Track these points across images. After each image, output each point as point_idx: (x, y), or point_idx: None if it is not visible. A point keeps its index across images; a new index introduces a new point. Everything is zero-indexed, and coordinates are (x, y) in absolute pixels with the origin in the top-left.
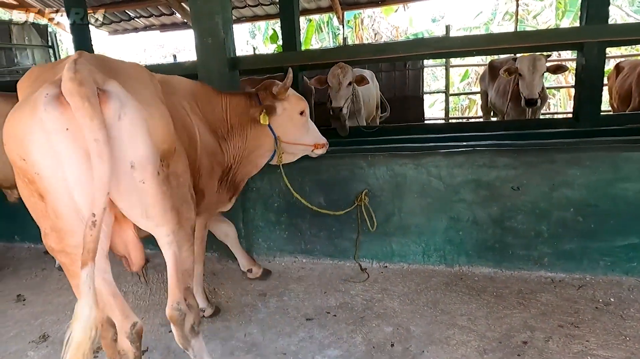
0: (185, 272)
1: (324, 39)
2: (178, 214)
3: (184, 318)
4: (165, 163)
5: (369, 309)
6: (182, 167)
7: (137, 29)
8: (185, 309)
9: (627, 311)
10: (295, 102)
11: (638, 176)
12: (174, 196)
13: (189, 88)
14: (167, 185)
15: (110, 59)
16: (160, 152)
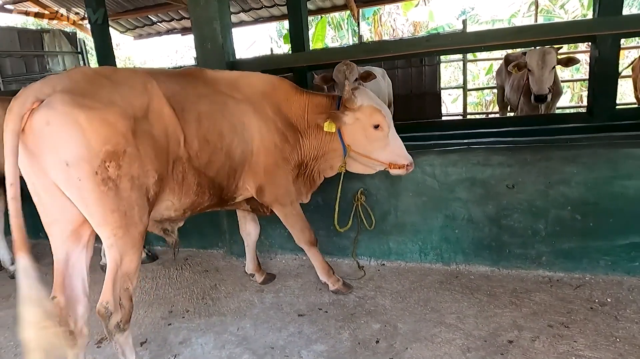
0: (124, 275)
1: (344, 37)
2: (124, 217)
3: (110, 316)
4: (110, 164)
5: (360, 306)
6: (138, 170)
7: (160, 33)
8: (113, 309)
9: (622, 312)
10: (370, 114)
11: (639, 173)
12: (120, 198)
13: (259, 87)
14: (107, 185)
15: (106, 71)
16: (102, 153)
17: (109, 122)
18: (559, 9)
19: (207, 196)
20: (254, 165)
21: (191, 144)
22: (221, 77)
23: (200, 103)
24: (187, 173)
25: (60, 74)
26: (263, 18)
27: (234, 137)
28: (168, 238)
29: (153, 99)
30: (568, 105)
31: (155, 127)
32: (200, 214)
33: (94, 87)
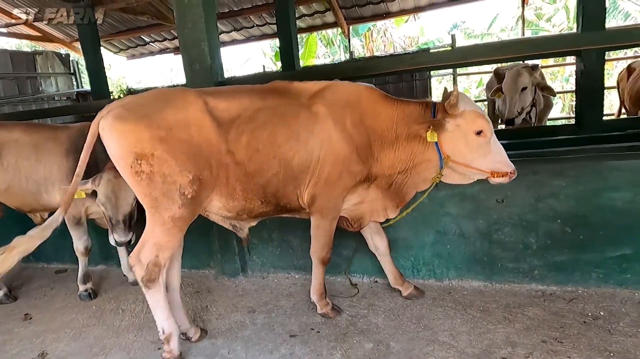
0: (155, 245)
1: (336, 52)
2: (155, 201)
3: (134, 268)
4: (142, 162)
5: (352, 326)
6: (169, 170)
7: (153, 53)
8: (135, 263)
9: (615, 326)
10: (472, 120)
11: (626, 185)
12: (152, 188)
13: (343, 96)
14: (140, 177)
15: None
16: (133, 153)
17: (136, 131)
18: (545, 22)
19: (259, 203)
20: (318, 173)
21: (236, 153)
22: (304, 89)
23: (261, 115)
24: (231, 178)
25: (140, 94)
26: (255, 36)
27: (293, 145)
28: (238, 233)
29: (194, 114)
30: (559, 116)
31: (196, 137)
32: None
33: (143, 104)
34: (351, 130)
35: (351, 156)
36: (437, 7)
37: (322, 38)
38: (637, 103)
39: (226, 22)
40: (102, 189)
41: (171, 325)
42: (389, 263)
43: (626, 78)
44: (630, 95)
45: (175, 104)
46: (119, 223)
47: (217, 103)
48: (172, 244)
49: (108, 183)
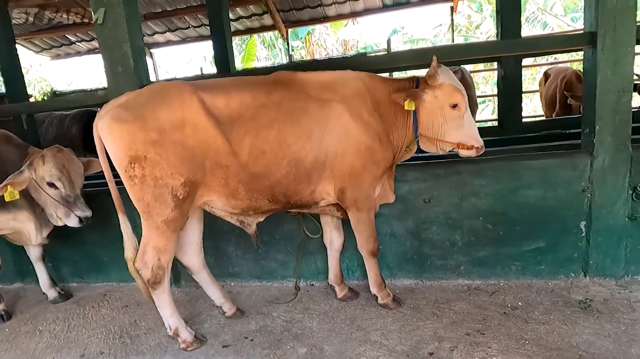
0: (154, 249)
1: (277, 55)
2: (147, 206)
3: (139, 272)
4: (135, 165)
5: (287, 331)
6: (160, 173)
7: (81, 53)
8: (141, 267)
9: (531, 315)
10: (449, 93)
11: (538, 183)
12: (144, 192)
13: (353, 86)
14: (134, 181)
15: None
16: (128, 156)
17: (131, 133)
18: (474, 29)
19: (266, 202)
20: (338, 167)
21: (239, 154)
22: (311, 80)
23: (265, 112)
24: (230, 180)
25: (138, 90)
26: (191, 38)
27: (305, 144)
28: (246, 229)
29: (189, 114)
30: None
31: (190, 137)
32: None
33: (140, 103)
34: (368, 119)
35: (373, 145)
36: (373, 13)
37: (263, 41)
38: (551, 106)
39: (159, 22)
40: (50, 166)
41: (176, 320)
42: (336, 261)
43: (543, 83)
44: (545, 99)
45: (171, 103)
46: (78, 197)
47: (215, 100)
48: (169, 246)
49: (55, 159)
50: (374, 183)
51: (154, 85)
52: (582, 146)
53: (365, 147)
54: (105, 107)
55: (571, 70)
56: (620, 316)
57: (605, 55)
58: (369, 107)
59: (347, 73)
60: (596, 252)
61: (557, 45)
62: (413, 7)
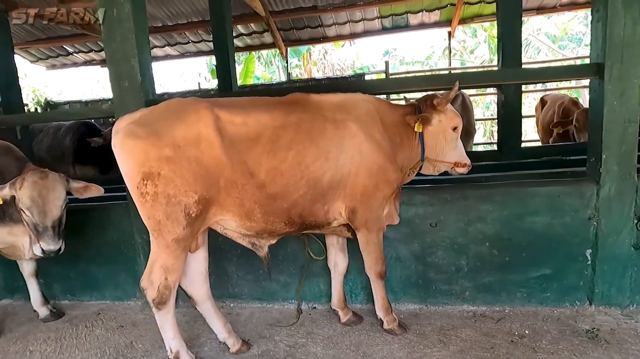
0: (161, 268)
1: (274, 72)
2: (158, 224)
3: (145, 291)
4: (148, 182)
5: (290, 356)
6: (174, 191)
7: (77, 64)
8: (147, 287)
9: (539, 344)
10: (451, 117)
11: (544, 209)
12: (155, 209)
13: (364, 107)
14: (145, 198)
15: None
16: (141, 173)
17: (145, 149)
18: (469, 53)
19: (283, 225)
20: (350, 187)
21: (256, 174)
22: (325, 101)
23: (283, 133)
24: (245, 200)
25: (153, 106)
26: (190, 52)
27: (323, 164)
28: (257, 252)
29: (205, 130)
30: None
31: (206, 155)
32: (113, 262)
33: (155, 119)
34: (380, 140)
35: (385, 165)
36: (372, 35)
37: (260, 57)
38: (548, 133)
39: (159, 36)
40: (26, 192)
41: (177, 343)
42: (340, 284)
43: (540, 109)
44: (542, 125)
45: (186, 119)
46: (47, 229)
47: (232, 118)
48: (178, 266)
49: (34, 185)
50: (384, 204)
51: (170, 101)
52: (587, 174)
53: (378, 166)
54: (119, 123)
55: (568, 97)
56: (628, 347)
57: (612, 86)
58: (379, 127)
59: (357, 96)
60: (601, 281)
61: (564, 76)
62: (411, 31)
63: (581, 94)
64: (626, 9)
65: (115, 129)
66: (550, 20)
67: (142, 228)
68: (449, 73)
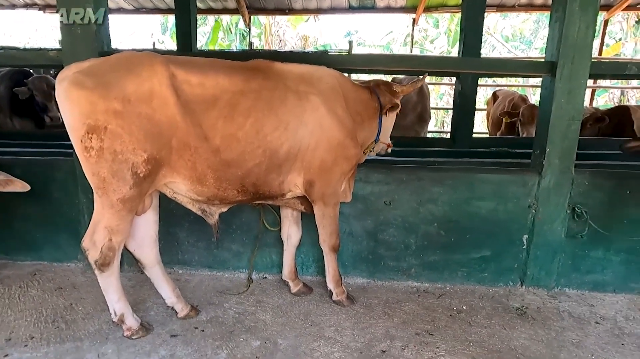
0: (105, 228)
1: (233, 40)
2: (103, 181)
3: (87, 252)
4: (92, 136)
5: (239, 323)
6: (121, 147)
7: (16, 6)
8: (89, 248)
9: (474, 318)
10: (399, 102)
11: (490, 195)
12: (100, 166)
13: (329, 82)
14: (89, 153)
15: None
16: (85, 125)
17: (91, 100)
18: (429, 43)
19: (235, 193)
20: (308, 159)
21: (210, 138)
22: (289, 71)
23: (243, 99)
24: (198, 164)
25: (105, 57)
26: (146, 9)
27: (282, 134)
28: (207, 219)
29: (159, 87)
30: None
31: (158, 112)
32: (51, 221)
33: (104, 70)
34: (342, 115)
35: (345, 141)
36: (337, 12)
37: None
38: (497, 126)
39: None
40: None
41: (122, 306)
42: (291, 256)
43: (492, 103)
44: (492, 119)
45: (140, 73)
46: None
47: (189, 77)
48: (123, 227)
49: None
50: (342, 179)
51: (123, 53)
52: (531, 165)
53: (338, 142)
54: (64, 71)
55: (518, 94)
56: (551, 324)
57: (562, 84)
58: (342, 104)
59: (323, 69)
60: (534, 264)
61: (521, 69)
62: (376, 13)
63: (527, 92)
64: (582, 13)
65: (61, 77)
66: (506, 20)
67: (87, 188)
68: (415, 55)
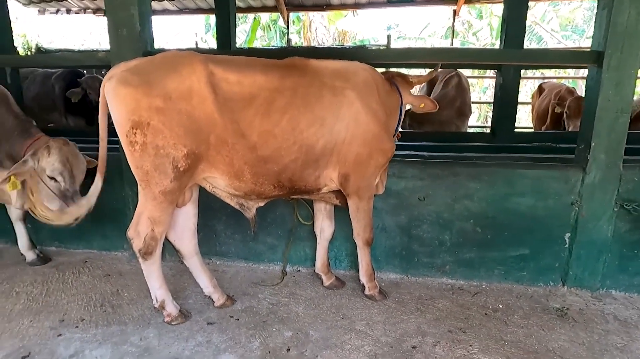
0: (148, 219)
1: (272, 38)
2: (146, 174)
3: (132, 241)
4: (137, 131)
5: (273, 314)
6: (163, 142)
7: (70, 11)
8: (133, 237)
9: (511, 318)
10: None
11: (530, 192)
12: (143, 160)
13: (362, 76)
14: (134, 147)
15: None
16: (130, 121)
17: (136, 98)
18: (472, 35)
19: (272, 188)
20: (344, 154)
21: (247, 135)
22: (324, 67)
23: (279, 96)
24: (235, 160)
25: (151, 56)
26: (189, 9)
27: (317, 130)
28: (245, 213)
29: (197, 84)
30: (475, 124)
31: (197, 109)
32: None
33: (148, 69)
34: (377, 109)
35: (381, 134)
36: (376, 7)
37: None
38: (542, 120)
39: None
40: (53, 160)
41: (163, 293)
42: (324, 250)
43: (537, 96)
44: (537, 112)
45: (180, 71)
46: (76, 192)
47: (226, 75)
48: (164, 218)
49: (61, 152)
50: (377, 172)
51: (166, 52)
52: (575, 161)
53: (373, 135)
54: (113, 69)
55: (565, 86)
56: (594, 326)
57: (610, 75)
58: (376, 97)
59: (356, 64)
60: (576, 264)
61: (565, 60)
62: (415, 5)
63: (578, 86)
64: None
65: (109, 75)
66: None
67: (132, 181)
68: (450, 48)
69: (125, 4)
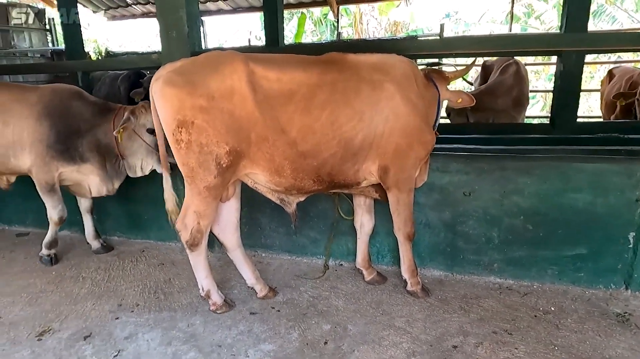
0: (194, 213)
1: (324, 32)
2: (191, 171)
3: (180, 233)
4: (182, 130)
5: (313, 307)
6: (206, 140)
7: (135, 16)
8: (181, 229)
9: (564, 321)
10: None
11: (588, 187)
12: (189, 157)
13: (401, 69)
14: (180, 145)
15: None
16: (176, 120)
17: (181, 98)
18: (534, 19)
19: (312, 182)
20: (383, 146)
21: (287, 131)
22: (362, 61)
23: (318, 92)
24: (275, 156)
25: (195, 57)
26: (242, 8)
27: (356, 124)
28: (285, 208)
29: (239, 84)
30: (539, 114)
31: (238, 107)
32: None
33: (192, 69)
34: (416, 102)
35: (421, 126)
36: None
37: (310, 16)
38: (611, 109)
39: None
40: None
41: (209, 283)
42: (365, 244)
43: (607, 83)
44: (606, 100)
45: (222, 71)
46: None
47: (266, 73)
48: (209, 212)
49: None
50: (417, 165)
51: (211, 53)
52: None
53: (413, 127)
54: (160, 71)
55: (638, 71)
56: None
57: None
58: (415, 89)
59: (394, 56)
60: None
61: (628, 43)
62: None
63: None
64: None
65: (156, 76)
66: None
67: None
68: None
69: (174, 7)
